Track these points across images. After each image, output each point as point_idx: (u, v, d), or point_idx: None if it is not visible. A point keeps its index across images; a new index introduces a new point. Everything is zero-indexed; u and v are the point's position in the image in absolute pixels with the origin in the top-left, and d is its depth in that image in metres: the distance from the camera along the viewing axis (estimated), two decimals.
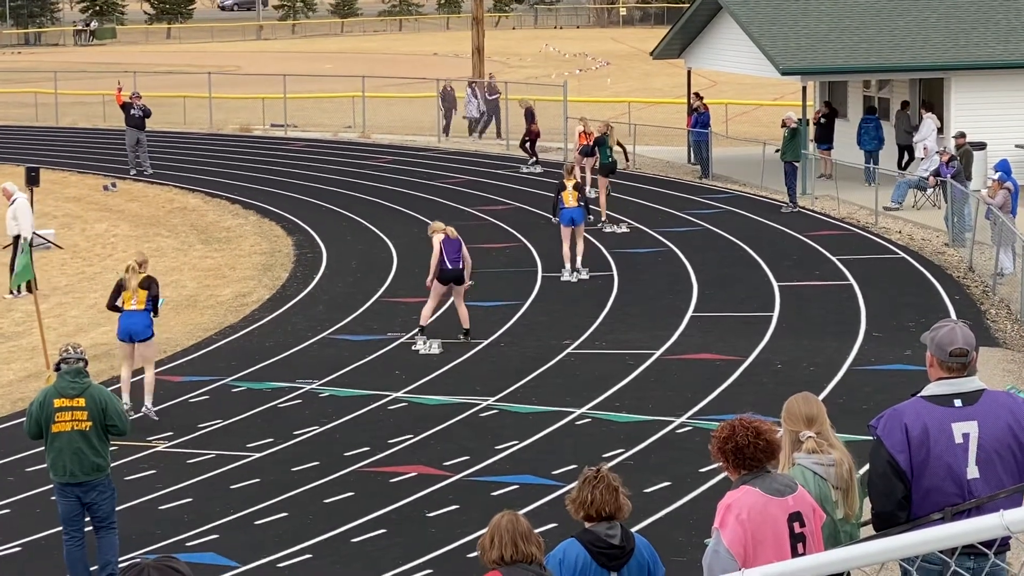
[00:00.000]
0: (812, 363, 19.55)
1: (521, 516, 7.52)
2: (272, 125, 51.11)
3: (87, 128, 52.92)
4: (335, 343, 21.60)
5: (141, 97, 40.26)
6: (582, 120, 34.71)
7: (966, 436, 7.46)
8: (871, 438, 7.66)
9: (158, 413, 18.00)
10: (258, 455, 16.56)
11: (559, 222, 25.52)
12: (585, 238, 26.21)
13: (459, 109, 47.84)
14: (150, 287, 17.89)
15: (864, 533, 8.06)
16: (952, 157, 29.52)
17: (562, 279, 25.28)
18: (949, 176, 28.39)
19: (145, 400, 17.97)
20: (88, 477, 12.70)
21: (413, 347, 20.99)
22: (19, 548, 14.05)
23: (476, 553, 7.58)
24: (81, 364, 12.88)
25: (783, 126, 32.22)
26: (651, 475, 15.25)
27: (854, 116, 37.12)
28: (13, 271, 25.02)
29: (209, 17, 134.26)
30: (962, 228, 27.14)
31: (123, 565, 12.60)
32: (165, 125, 50.11)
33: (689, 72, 41.64)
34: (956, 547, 4.05)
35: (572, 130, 38.32)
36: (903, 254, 26.95)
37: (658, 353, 20.36)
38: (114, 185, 38.18)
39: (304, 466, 16.06)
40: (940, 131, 33.23)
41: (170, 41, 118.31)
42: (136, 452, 16.66)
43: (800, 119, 32.84)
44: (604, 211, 30.16)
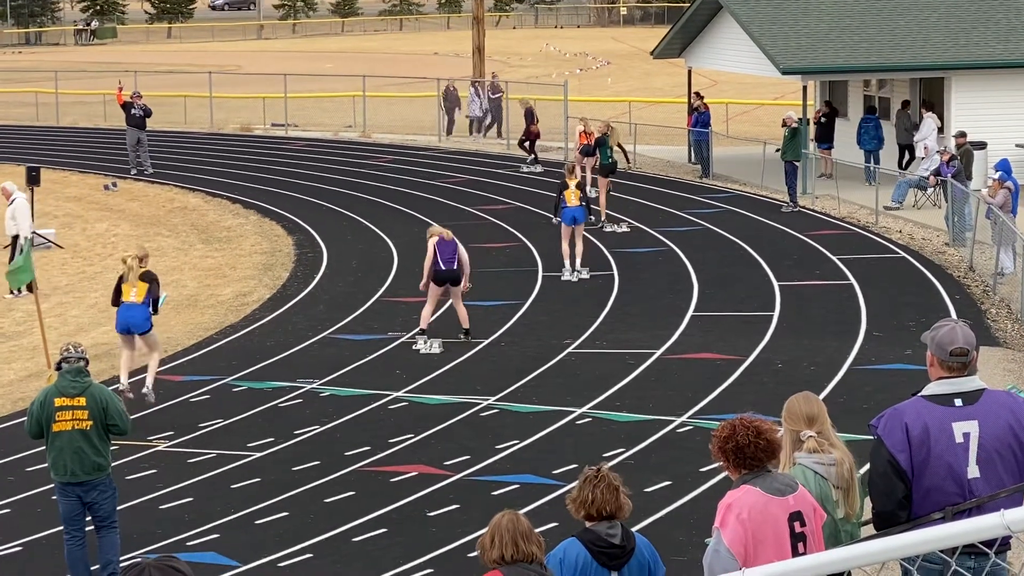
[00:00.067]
0: (812, 362, 19.55)
1: (521, 515, 7.52)
2: (273, 125, 51.10)
3: (88, 128, 52.92)
4: (336, 342, 21.60)
5: (142, 97, 40.27)
6: (583, 120, 34.73)
7: (967, 435, 7.46)
8: (872, 437, 7.66)
9: (159, 412, 18.00)
10: (259, 454, 16.56)
11: (560, 221, 25.56)
12: (585, 238, 26.23)
13: (463, 108, 47.84)
14: (151, 283, 17.91)
15: (865, 532, 8.06)
16: (952, 156, 29.51)
17: (563, 279, 25.28)
18: (949, 175, 28.38)
19: (147, 382, 18.01)
20: (89, 476, 12.69)
21: (414, 346, 20.99)
22: (20, 548, 14.05)
23: (477, 552, 7.58)
24: (82, 363, 12.89)
25: (784, 125, 32.21)
26: (652, 474, 15.25)
27: (854, 115, 37.11)
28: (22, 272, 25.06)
29: (208, 17, 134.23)
30: (962, 227, 27.13)
31: (124, 565, 12.60)
32: (166, 125, 50.11)
33: (690, 71, 41.63)
34: (957, 547, 4.05)
35: (573, 130, 38.34)
36: (903, 253, 26.95)
37: (659, 352, 20.36)
38: (115, 185, 38.18)
39: (305, 465, 16.06)
40: (940, 130, 33.23)
41: (171, 40, 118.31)
42: (137, 451, 16.66)
43: (800, 118, 32.83)
44: (604, 211, 30.17)
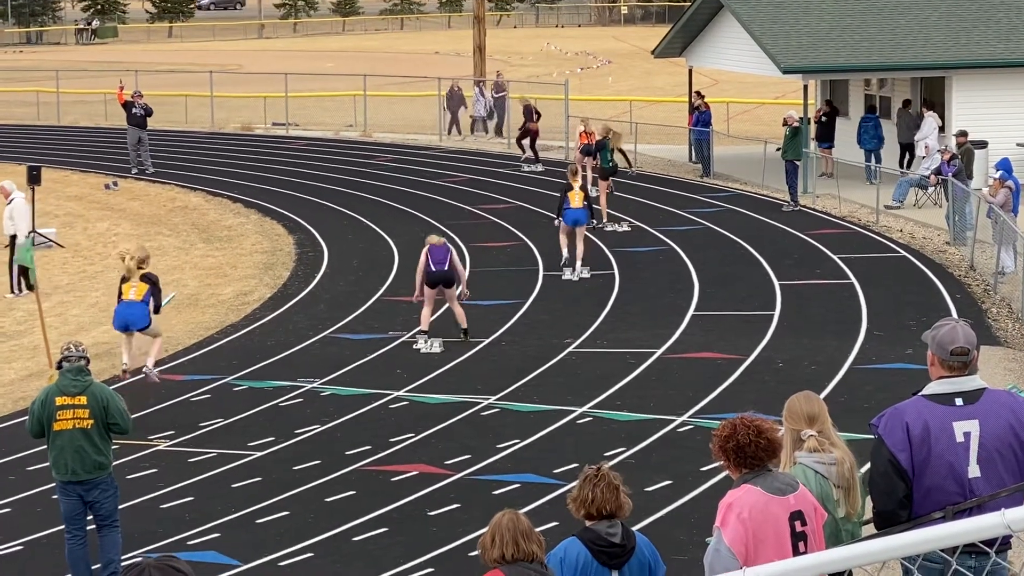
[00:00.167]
0: (813, 362, 19.55)
1: (522, 515, 7.52)
2: (274, 124, 51.10)
3: (89, 127, 52.93)
4: (336, 342, 21.60)
5: (143, 96, 40.28)
6: (583, 120, 34.71)
7: (967, 435, 7.46)
8: (872, 437, 7.66)
9: (159, 412, 18.00)
10: (259, 454, 16.56)
11: (561, 222, 25.58)
12: (586, 237, 26.25)
13: (468, 108, 47.81)
14: (151, 285, 17.90)
15: (866, 532, 8.06)
16: (953, 156, 29.50)
17: (563, 278, 25.29)
18: (950, 175, 28.37)
19: (147, 360, 18.02)
20: (90, 475, 12.69)
21: (414, 346, 20.99)
22: (21, 547, 14.06)
23: (477, 552, 7.57)
24: (83, 362, 12.89)
25: (784, 125, 32.20)
26: (652, 474, 15.25)
27: (855, 115, 37.10)
28: (21, 268, 25.01)
29: (208, 16, 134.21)
30: (963, 227, 27.13)
31: (125, 564, 12.60)
32: (167, 124, 50.13)
33: (690, 71, 41.63)
34: (957, 546, 4.05)
35: (573, 129, 38.35)
36: (904, 253, 26.94)
37: (659, 352, 20.36)
38: (115, 184, 38.18)
39: (305, 465, 16.06)
40: (941, 130, 33.23)
41: (172, 40, 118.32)
42: (137, 451, 16.66)
43: (801, 118, 32.83)
44: (604, 211, 30.17)
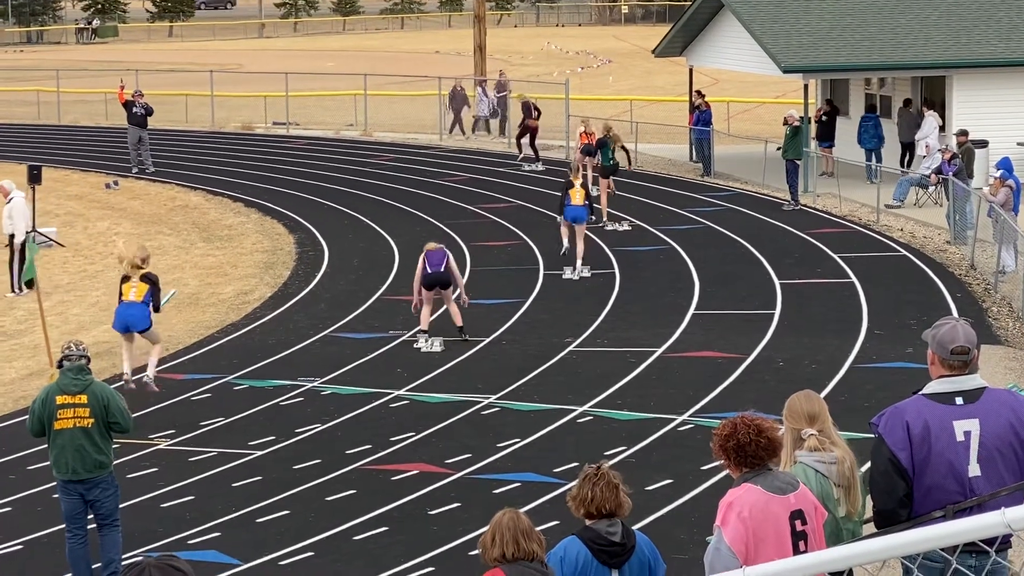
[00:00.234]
0: (814, 361, 19.55)
1: (522, 514, 7.51)
2: (274, 123, 51.10)
3: (89, 126, 52.93)
4: (337, 341, 21.60)
5: (143, 95, 40.28)
6: (584, 120, 34.69)
7: (967, 434, 7.46)
8: (872, 436, 7.66)
9: (160, 411, 18.00)
10: (260, 453, 16.57)
11: (562, 219, 25.72)
12: (587, 236, 26.29)
13: (472, 108, 47.79)
14: (151, 284, 17.89)
15: (866, 531, 8.06)
16: (954, 155, 29.49)
17: (564, 277, 25.31)
18: (951, 174, 28.37)
19: (148, 370, 17.98)
20: (91, 474, 12.69)
21: (415, 345, 21.00)
22: (21, 546, 14.06)
23: (478, 551, 7.57)
24: (83, 361, 12.89)
25: (785, 124, 32.20)
26: (653, 473, 15.25)
27: (856, 114, 37.10)
28: (22, 269, 25.04)
29: (209, 16, 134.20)
30: (964, 226, 27.13)
31: (125, 563, 12.61)
32: (167, 123, 50.13)
33: (691, 70, 41.62)
34: (958, 545, 4.05)
35: (574, 129, 38.34)
36: (905, 252, 26.94)
37: (660, 351, 20.36)
38: (116, 183, 38.17)
39: (306, 464, 16.06)
40: (942, 129, 33.23)
41: (172, 39, 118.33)
42: (138, 450, 16.66)
43: (802, 117, 32.82)
44: (604, 210, 30.18)
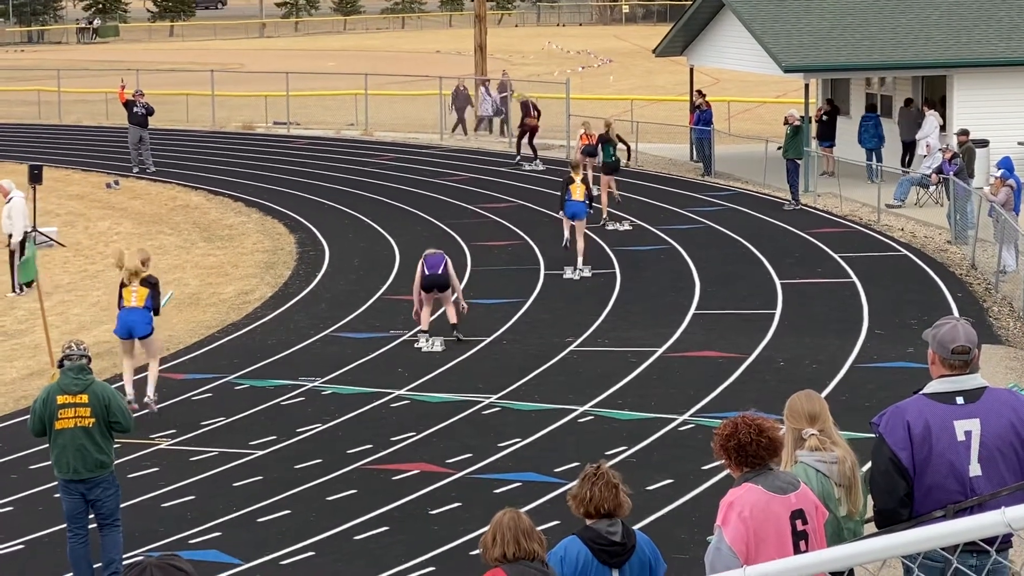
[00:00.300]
0: (815, 360, 19.55)
1: (523, 513, 7.51)
2: (275, 123, 51.09)
3: (90, 126, 52.92)
4: (338, 341, 21.60)
5: (144, 95, 40.27)
6: (584, 124, 34.60)
7: (968, 434, 7.46)
8: (873, 435, 7.66)
9: (161, 410, 18.00)
10: (261, 453, 16.57)
11: (562, 214, 25.89)
12: (587, 235, 26.31)
13: (475, 107, 47.75)
14: (151, 288, 17.84)
15: (867, 530, 8.06)
16: (954, 154, 29.49)
17: (564, 276, 25.31)
18: (951, 173, 28.37)
19: (148, 390, 17.94)
20: (92, 474, 12.69)
21: (415, 345, 21.00)
22: (22, 546, 14.06)
23: (478, 551, 7.57)
24: (84, 361, 12.89)
25: (785, 123, 32.19)
26: (653, 472, 15.25)
27: (856, 113, 37.09)
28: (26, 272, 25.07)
29: (210, 15, 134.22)
30: (964, 225, 27.12)
31: (126, 563, 12.61)
32: (168, 123, 50.12)
33: (692, 69, 41.61)
34: (958, 544, 4.05)
35: (574, 128, 38.35)
36: (905, 251, 26.94)
37: (660, 350, 20.36)
38: (117, 183, 38.17)
39: (307, 464, 16.06)
40: (943, 128, 33.22)
41: (173, 39, 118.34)
42: (139, 449, 16.67)
43: (802, 116, 32.82)
44: (605, 209, 30.16)
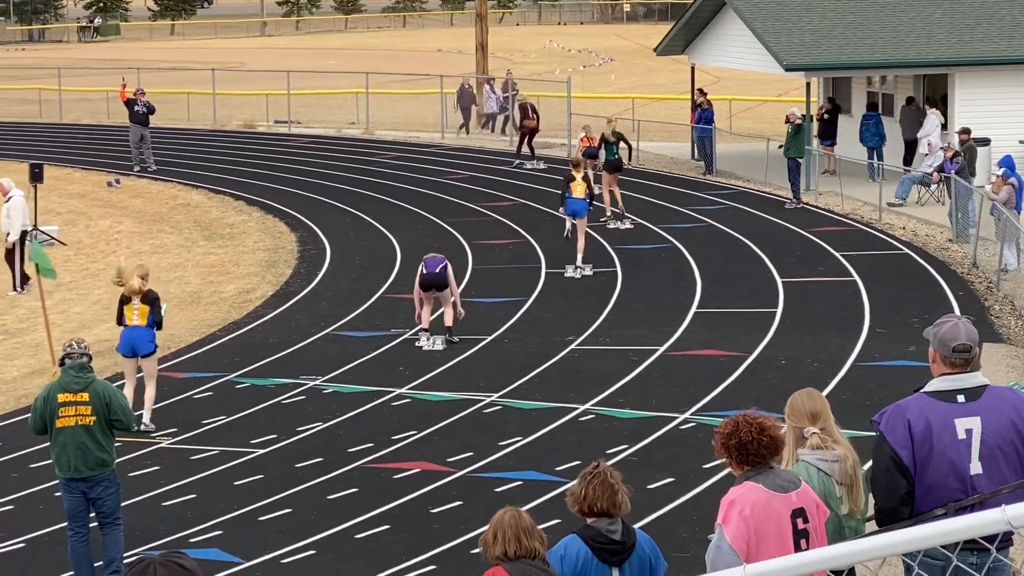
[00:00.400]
0: (816, 359, 19.54)
1: (524, 512, 7.50)
2: (276, 121, 51.10)
3: (91, 124, 52.93)
4: (339, 339, 21.60)
5: (145, 93, 40.27)
6: (585, 127, 34.53)
7: (969, 432, 7.45)
8: (874, 434, 7.65)
9: (162, 409, 17.97)
10: (262, 451, 16.57)
11: (563, 212, 25.97)
12: (588, 234, 26.31)
13: (479, 105, 47.74)
14: (152, 304, 17.64)
15: (869, 529, 8.05)
16: (956, 153, 29.48)
17: (566, 275, 25.31)
18: (953, 172, 28.36)
19: (144, 416, 17.72)
20: (93, 472, 12.69)
21: (416, 343, 21.00)
22: (23, 544, 14.06)
23: (479, 549, 7.56)
24: (85, 359, 12.89)
25: (787, 122, 32.19)
26: (655, 471, 15.25)
27: (858, 112, 37.08)
28: (23, 266, 25.06)
29: (211, 14, 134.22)
30: (966, 224, 27.11)
31: (129, 560, 12.60)
32: (169, 121, 50.12)
33: (693, 68, 41.60)
34: (959, 542, 4.04)
35: (576, 127, 38.35)
36: (907, 250, 26.93)
37: (662, 349, 20.35)
38: (118, 181, 38.18)
39: (308, 462, 16.06)
40: (944, 127, 33.21)
41: (174, 37, 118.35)
42: (140, 448, 16.67)
43: (804, 115, 32.80)
44: (608, 208, 30.15)
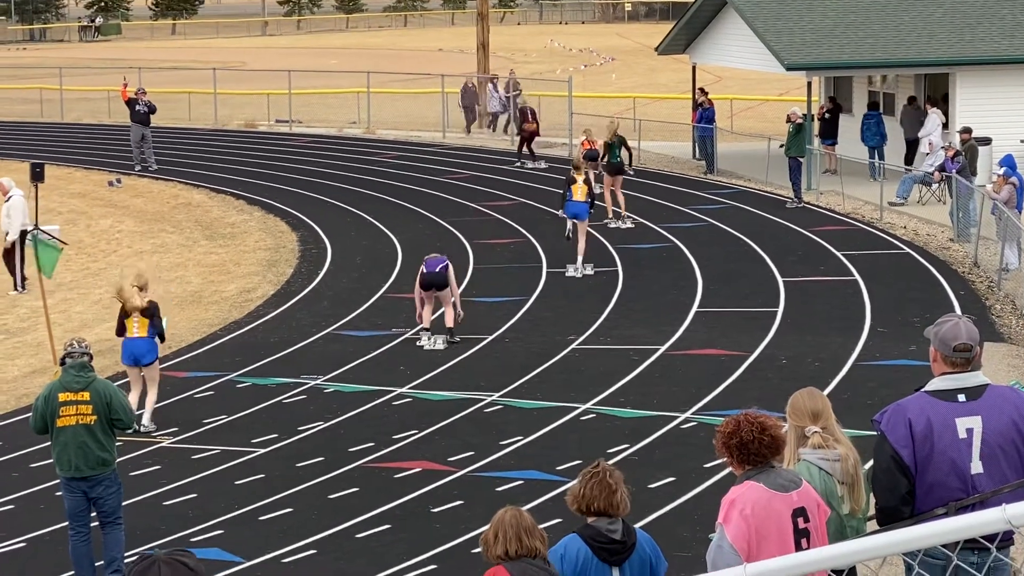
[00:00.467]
0: (817, 358, 19.54)
1: (525, 511, 7.50)
2: (277, 121, 51.09)
3: (92, 124, 52.94)
4: (340, 339, 21.60)
5: (146, 93, 40.27)
6: (586, 131, 34.47)
7: (970, 431, 7.45)
8: (875, 433, 7.65)
9: (163, 408, 17.97)
10: (263, 451, 16.56)
11: (563, 214, 25.84)
12: (589, 234, 26.29)
13: (483, 105, 47.72)
14: (152, 317, 17.60)
15: (870, 528, 8.05)
16: (957, 152, 29.48)
17: (567, 275, 25.31)
18: (954, 171, 28.35)
19: (143, 417, 17.73)
20: (94, 471, 12.68)
21: (417, 343, 21.00)
22: (24, 543, 14.06)
23: (480, 549, 7.56)
24: (86, 358, 12.88)
25: (788, 121, 32.18)
26: (656, 471, 15.25)
27: (859, 111, 37.07)
28: (22, 266, 25.07)
29: (212, 13, 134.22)
30: (967, 223, 27.11)
31: (130, 560, 12.60)
32: (170, 121, 50.12)
33: (694, 68, 41.59)
34: (959, 541, 4.04)
35: (577, 127, 38.34)
36: (908, 249, 26.92)
37: (663, 348, 20.35)
38: (119, 181, 38.19)
39: (309, 462, 16.06)
40: (945, 126, 33.20)
41: (175, 37, 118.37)
42: (141, 447, 16.67)
43: (805, 114, 32.80)
44: (610, 208, 30.14)
